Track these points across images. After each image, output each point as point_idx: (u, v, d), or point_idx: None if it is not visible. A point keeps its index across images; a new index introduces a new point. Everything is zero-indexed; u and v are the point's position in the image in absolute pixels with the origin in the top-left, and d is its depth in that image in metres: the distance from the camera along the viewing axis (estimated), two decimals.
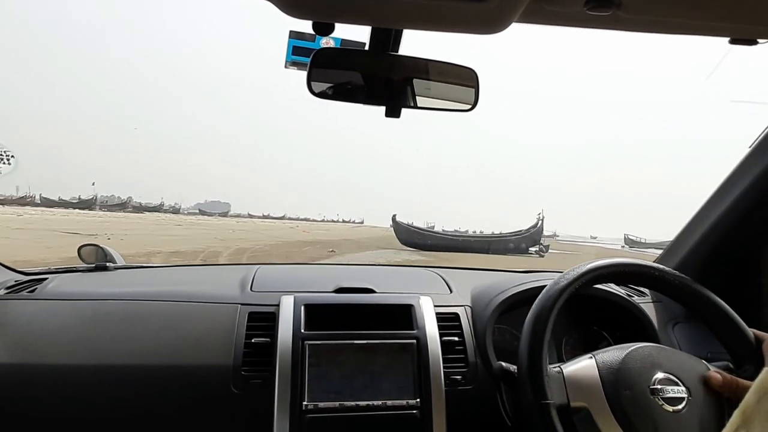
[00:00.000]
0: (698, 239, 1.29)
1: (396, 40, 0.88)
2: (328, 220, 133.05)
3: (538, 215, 23.86)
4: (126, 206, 53.88)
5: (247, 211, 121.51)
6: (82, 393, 1.10)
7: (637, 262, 1.04)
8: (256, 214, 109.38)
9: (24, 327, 1.18)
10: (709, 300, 1.00)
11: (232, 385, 1.11)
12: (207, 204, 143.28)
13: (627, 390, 0.87)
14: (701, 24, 0.66)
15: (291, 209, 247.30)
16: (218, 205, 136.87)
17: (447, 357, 1.18)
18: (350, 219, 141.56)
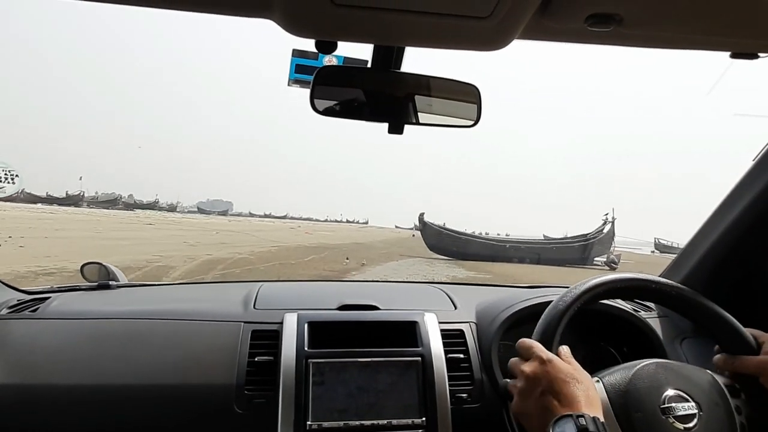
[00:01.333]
0: (704, 253, 1.29)
1: (398, 57, 0.88)
2: (331, 220, 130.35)
3: (605, 216, 19.50)
4: (116, 203, 52.73)
5: (248, 210, 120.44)
6: (83, 413, 1.08)
7: (639, 276, 1.03)
8: (258, 213, 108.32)
9: (26, 347, 1.17)
10: (707, 308, 0.99)
11: (235, 404, 1.10)
12: (208, 203, 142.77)
13: (638, 412, 0.85)
14: (702, 39, 0.66)
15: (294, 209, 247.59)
16: (219, 203, 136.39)
17: (452, 374, 1.16)
18: (354, 219, 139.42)
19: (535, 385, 0.80)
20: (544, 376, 0.80)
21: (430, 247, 18.48)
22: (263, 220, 64.01)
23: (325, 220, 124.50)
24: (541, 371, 0.81)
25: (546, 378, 0.79)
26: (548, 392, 0.78)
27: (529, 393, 0.80)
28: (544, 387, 0.79)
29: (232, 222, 43.15)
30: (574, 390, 0.77)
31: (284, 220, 75.81)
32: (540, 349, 0.84)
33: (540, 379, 0.80)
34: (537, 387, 0.79)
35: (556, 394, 0.77)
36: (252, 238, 20.96)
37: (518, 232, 18.81)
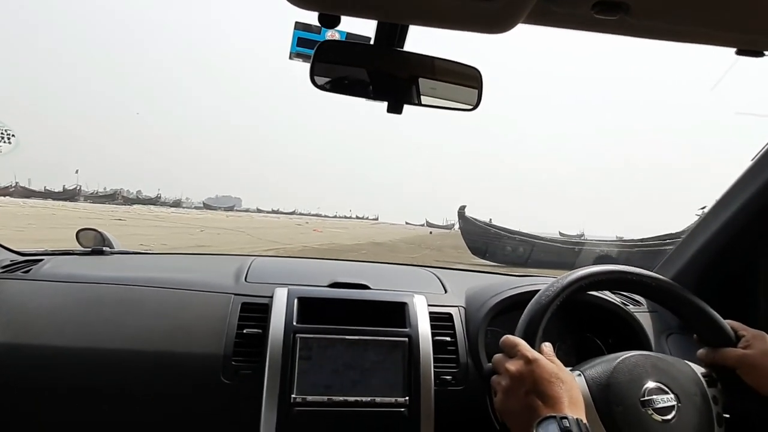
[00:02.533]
0: (697, 249, 1.29)
1: (401, 36, 0.87)
2: (340, 216, 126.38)
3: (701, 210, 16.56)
4: (115, 197, 50.40)
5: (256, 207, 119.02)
6: (72, 374, 1.10)
7: (620, 269, 1.03)
8: (265, 209, 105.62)
9: (17, 307, 1.18)
10: (686, 299, 1.00)
11: (221, 374, 1.11)
12: (216, 199, 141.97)
13: (619, 406, 0.86)
14: (709, 33, 0.66)
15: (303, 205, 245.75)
16: (227, 199, 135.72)
17: (438, 357, 1.17)
18: (364, 215, 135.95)
19: (519, 384, 0.80)
20: (529, 375, 0.80)
21: (474, 250, 14.53)
22: (266, 216, 59.87)
23: (335, 216, 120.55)
24: (526, 371, 0.81)
25: (531, 378, 0.80)
26: (532, 392, 0.78)
27: (514, 392, 0.81)
28: (528, 387, 0.79)
29: (231, 218, 38.60)
30: (558, 390, 0.78)
31: (291, 216, 72.15)
32: (525, 348, 0.85)
33: (525, 379, 0.80)
34: (521, 387, 0.80)
35: (541, 395, 0.78)
36: (245, 237, 17.78)
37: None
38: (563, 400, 0.77)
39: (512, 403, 0.80)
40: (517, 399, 0.80)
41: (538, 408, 0.76)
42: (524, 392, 0.79)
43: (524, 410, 0.78)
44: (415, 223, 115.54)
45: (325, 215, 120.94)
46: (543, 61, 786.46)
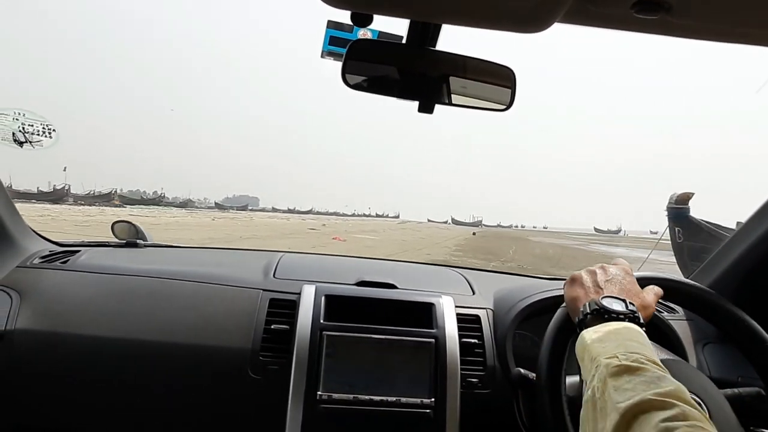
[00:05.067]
0: (736, 258, 1.24)
1: (434, 35, 0.87)
2: (359, 214, 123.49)
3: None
4: (111, 198, 46.47)
5: (272, 206, 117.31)
6: (104, 363, 1.13)
7: (669, 277, 1.00)
8: (281, 208, 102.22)
9: (55, 296, 1.22)
10: (743, 321, 0.96)
11: (249, 369, 1.12)
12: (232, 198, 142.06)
13: None
14: (755, 33, 0.63)
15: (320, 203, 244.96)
16: (242, 199, 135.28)
17: (465, 359, 1.16)
18: (384, 213, 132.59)
19: (605, 272, 0.88)
20: (617, 273, 0.89)
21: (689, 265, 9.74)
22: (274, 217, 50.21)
23: (353, 215, 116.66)
24: (617, 271, 0.89)
25: (617, 274, 0.88)
26: (613, 282, 0.86)
27: (595, 274, 0.88)
28: (612, 278, 0.87)
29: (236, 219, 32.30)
30: (635, 296, 0.85)
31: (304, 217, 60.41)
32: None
33: (610, 273, 0.88)
34: (605, 276, 0.87)
35: (616, 287, 0.85)
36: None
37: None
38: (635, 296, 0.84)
39: (587, 278, 0.88)
40: (594, 279, 0.87)
41: (610, 291, 0.84)
42: (605, 279, 0.87)
43: (596, 286, 0.86)
44: (438, 220, 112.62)
45: (344, 213, 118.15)
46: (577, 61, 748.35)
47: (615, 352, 0.71)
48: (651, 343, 0.85)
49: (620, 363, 0.68)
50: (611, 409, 0.64)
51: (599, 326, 0.78)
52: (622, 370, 0.68)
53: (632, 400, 0.62)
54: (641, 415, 0.61)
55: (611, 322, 0.78)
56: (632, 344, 0.73)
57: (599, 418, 0.66)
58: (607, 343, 0.73)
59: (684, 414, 0.59)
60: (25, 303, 1.18)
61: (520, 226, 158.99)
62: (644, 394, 0.62)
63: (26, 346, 1.13)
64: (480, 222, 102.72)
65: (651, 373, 0.66)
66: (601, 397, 0.67)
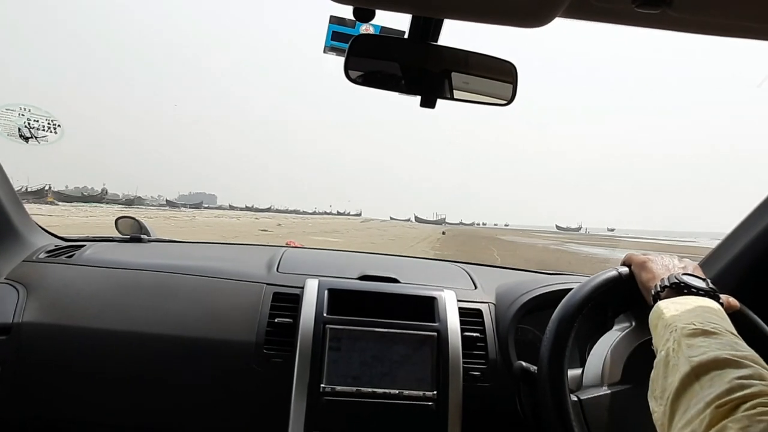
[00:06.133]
0: (740, 249, 1.24)
1: (436, 30, 0.87)
2: (320, 212, 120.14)
3: None
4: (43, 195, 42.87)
5: (229, 203, 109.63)
6: (109, 357, 1.15)
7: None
8: (238, 206, 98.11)
9: (61, 290, 1.23)
10: (744, 315, 0.96)
11: (253, 362, 1.13)
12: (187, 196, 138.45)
13: None
14: (757, 27, 0.63)
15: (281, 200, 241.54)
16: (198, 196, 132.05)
17: (467, 352, 1.17)
18: (346, 211, 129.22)
19: (678, 261, 0.90)
20: (689, 264, 0.89)
21: None
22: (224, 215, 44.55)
23: (314, 213, 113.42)
24: (688, 263, 0.90)
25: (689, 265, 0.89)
26: (686, 267, 0.87)
27: (666, 260, 0.90)
28: (685, 266, 0.88)
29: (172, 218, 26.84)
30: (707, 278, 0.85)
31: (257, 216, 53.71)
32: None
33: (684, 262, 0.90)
34: (679, 262, 0.89)
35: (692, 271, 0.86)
36: None
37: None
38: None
39: (659, 262, 0.89)
40: (665, 264, 0.88)
41: (687, 271, 0.84)
42: (678, 266, 0.88)
43: (667, 269, 0.87)
44: (401, 218, 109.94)
45: (305, 211, 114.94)
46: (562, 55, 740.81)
47: (692, 319, 0.70)
48: None
49: (696, 327, 0.68)
50: (683, 363, 0.63)
51: (677, 298, 0.78)
52: (698, 332, 0.67)
53: (706, 355, 0.62)
54: (714, 371, 0.60)
55: (690, 296, 0.78)
56: (710, 315, 0.72)
57: (670, 373, 0.65)
58: (684, 314, 0.73)
59: (760, 374, 0.59)
60: (31, 297, 1.20)
61: (482, 223, 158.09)
62: (719, 352, 0.62)
63: (33, 339, 1.14)
64: (443, 220, 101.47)
65: (728, 339, 0.66)
66: (674, 355, 0.66)
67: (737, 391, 0.56)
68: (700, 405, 0.57)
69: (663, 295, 0.80)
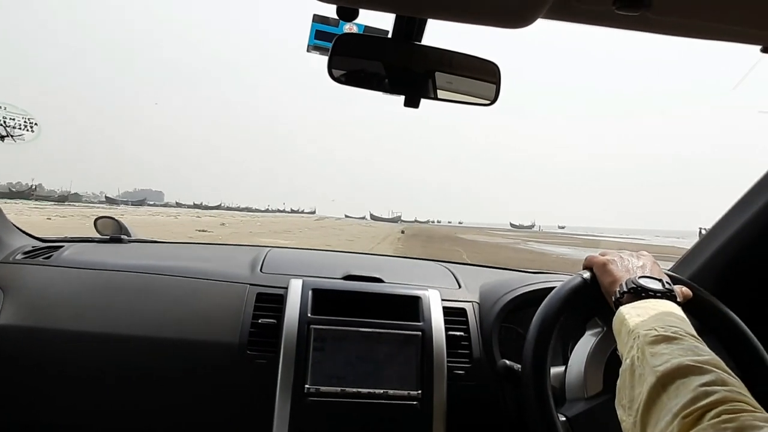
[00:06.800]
0: (716, 250, 1.27)
1: (419, 30, 0.87)
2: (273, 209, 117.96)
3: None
4: None
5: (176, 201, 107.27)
6: (89, 359, 1.12)
7: (671, 275, 1.02)
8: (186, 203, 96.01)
9: (38, 291, 1.21)
10: (720, 312, 0.98)
11: (236, 363, 1.12)
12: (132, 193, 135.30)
13: None
14: (733, 30, 0.64)
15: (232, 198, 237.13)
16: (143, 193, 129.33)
17: (451, 351, 1.18)
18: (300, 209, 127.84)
19: (637, 259, 0.91)
20: (648, 262, 0.91)
21: None
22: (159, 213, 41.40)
23: (266, 210, 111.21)
24: (647, 259, 0.92)
25: (649, 263, 0.91)
26: (644, 267, 0.88)
27: (626, 260, 0.91)
28: (643, 264, 0.90)
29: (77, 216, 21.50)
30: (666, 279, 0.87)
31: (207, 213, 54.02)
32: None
33: (643, 260, 0.91)
34: (637, 261, 0.91)
35: (650, 271, 0.87)
36: None
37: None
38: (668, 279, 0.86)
39: (619, 263, 0.90)
40: (625, 264, 0.90)
41: (645, 273, 0.86)
42: (637, 265, 0.89)
43: (627, 271, 0.88)
44: (355, 215, 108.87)
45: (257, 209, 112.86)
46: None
47: (653, 325, 0.72)
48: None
49: (658, 333, 0.70)
50: (648, 372, 0.65)
51: (637, 303, 0.80)
52: (660, 339, 0.69)
53: (670, 363, 0.64)
54: (679, 379, 0.61)
55: (649, 299, 0.80)
56: (670, 318, 0.74)
57: (636, 384, 0.67)
58: (645, 318, 0.75)
59: (723, 380, 0.60)
60: (8, 299, 1.17)
61: (437, 221, 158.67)
62: (682, 359, 0.64)
63: (10, 342, 1.12)
64: (399, 218, 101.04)
65: (689, 343, 0.68)
66: (639, 364, 0.68)
67: (702, 400, 0.57)
68: (668, 417, 0.58)
69: (624, 300, 0.83)
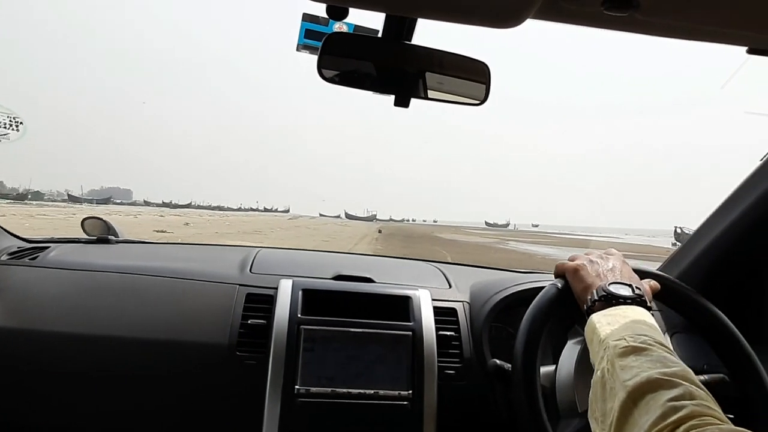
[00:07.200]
0: (703, 249, 1.28)
1: (410, 29, 0.87)
2: (246, 208, 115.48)
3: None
4: None
5: (144, 199, 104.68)
6: (76, 361, 1.11)
7: (638, 268, 1.03)
8: (155, 202, 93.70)
9: (24, 293, 1.19)
10: (708, 310, 0.99)
11: (225, 364, 1.12)
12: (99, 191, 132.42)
13: None
14: (720, 31, 0.65)
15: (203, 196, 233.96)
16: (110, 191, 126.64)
17: (442, 351, 1.18)
18: (273, 207, 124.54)
19: (605, 262, 0.91)
20: (617, 262, 0.91)
21: None
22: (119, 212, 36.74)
23: (239, 209, 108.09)
24: (617, 260, 0.92)
25: (618, 265, 0.90)
26: (615, 270, 0.88)
27: (597, 265, 0.90)
28: (613, 266, 0.89)
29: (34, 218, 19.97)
30: (636, 280, 0.88)
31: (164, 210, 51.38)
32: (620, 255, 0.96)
33: (612, 262, 0.91)
34: (606, 264, 0.90)
35: (621, 274, 0.88)
36: None
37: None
38: (638, 282, 0.87)
39: (590, 268, 0.90)
40: (596, 268, 0.89)
41: (613, 278, 0.86)
42: (607, 269, 0.89)
43: (598, 276, 0.88)
44: (330, 214, 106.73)
45: (229, 207, 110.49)
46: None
47: (623, 335, 0.72)
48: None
49: (628, 344, 0.70)
50: (619, 387, 0.65)
51: (607, 310, 0.80)
52: (629, 350, 0.69)
53: (639, 377, 0.64)
54: (649, 394, 0.62)
55: (619, 306, 0.80)
56: (640, 327, 0.75)
57: (608, 398, 0.67)
58: (616, 327, 0.75)
59: (690, 393, 0.61)
60: None
61: (412, 220, 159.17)
62: (651, 372, 0.64)
63: None
64: (374, 216, 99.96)
65: (657, 354, 0.68)
66: (610, 377, 0.68)
67: (670, 416, 0.58)
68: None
69: (595, 308, 0.83)
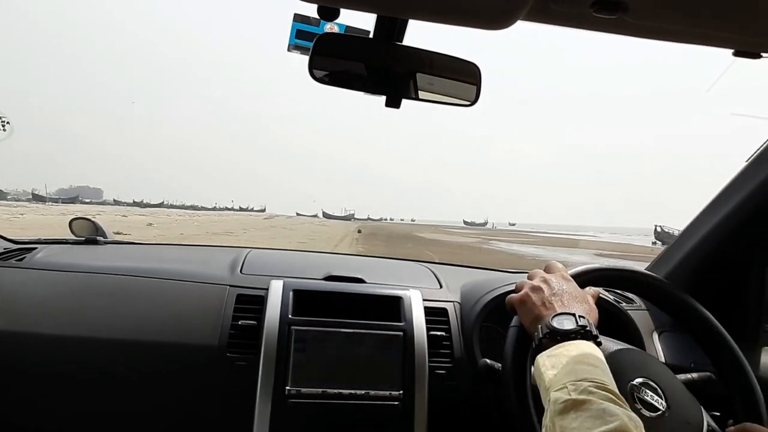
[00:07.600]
0: (691, 249, 1.30)
1: (401, 30, 0.87)
2: (221, 207, 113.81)
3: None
4: None
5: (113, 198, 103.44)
6: (64, 363, 1.10)
7: (628, 268, 1.04)
8: (125, 201, 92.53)
9: (11, 295, 1.18)
10: (695, 310, 1.01)
11: (216, 365, 1.11)
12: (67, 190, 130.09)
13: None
14: (707, 34, 0.66)
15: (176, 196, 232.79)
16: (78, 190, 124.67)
17: (433, 351, 1.18)
18: (249, 207, 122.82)
19: (549, 287, 0.88)
20: (560, 285, 0.89)
21: None
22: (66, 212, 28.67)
23: (213, 208, 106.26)
24: (560, 281, 0.90)
25: (560, 287, 0.88)
26: (558, 295, 0.86)
27: (541, 291, 0.88)
28: (556, 291, 0.87)
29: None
30: (582, 306, 0.86)
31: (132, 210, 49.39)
32: (564, 271, 0.94)
33: (554, 287, 0.88)
34: (550, 290, 0.88)
35: (564, 300, 0.86)
36: None
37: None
38: (583, 308, 0.85)
39: (535, 298, 0.88)
40: (540, 297, 0.87)
41: (558, 307, 0.84)
42: (551, 294, 0.87)
43: (544, 305, 0.86)
44: (307, 213, 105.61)
45: (203, 207, 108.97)
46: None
47: (565, 382, 0.71)
48: (607, 339, 0.88)
49: (567, 398, 0.69)
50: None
51: (552, 350, 0.78)
52: (568, 406, 0.68)
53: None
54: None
55: (564, 343, 0.79)
56: (582, 368, 0.73)
57: None
58: (559, 370, 0.74)
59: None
60: None
61: (390, 219, 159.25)
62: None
63: None
64: (353, 215, 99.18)
65: (597, 405, 0.66)
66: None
67: None
68: None
69: (543, 345, 0.82)
